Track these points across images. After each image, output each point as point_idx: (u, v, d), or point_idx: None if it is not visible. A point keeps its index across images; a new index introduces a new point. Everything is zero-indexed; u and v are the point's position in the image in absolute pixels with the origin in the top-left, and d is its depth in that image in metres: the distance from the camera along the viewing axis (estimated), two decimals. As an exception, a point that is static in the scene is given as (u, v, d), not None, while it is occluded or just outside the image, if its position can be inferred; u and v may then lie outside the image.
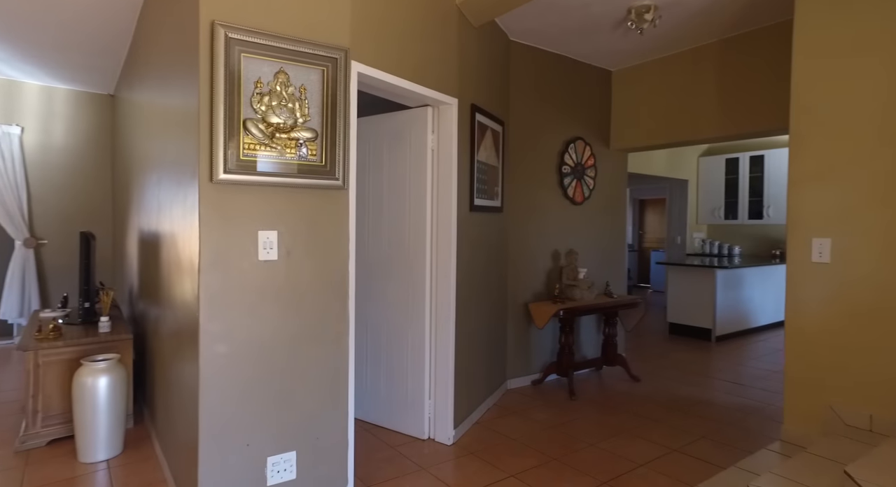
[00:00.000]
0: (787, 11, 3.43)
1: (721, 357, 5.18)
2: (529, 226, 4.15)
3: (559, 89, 4.32)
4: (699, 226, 8.31)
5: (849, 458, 2.11)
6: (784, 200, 7.14)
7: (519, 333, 4.11)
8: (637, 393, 4.01)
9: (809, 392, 2.65)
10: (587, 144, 4.52)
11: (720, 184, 7.89)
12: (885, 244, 2.41)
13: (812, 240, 2.62)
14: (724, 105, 3.95)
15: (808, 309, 2.65)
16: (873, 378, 2.44)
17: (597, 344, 4.71)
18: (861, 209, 2.48)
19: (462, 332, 3.15)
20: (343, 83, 2.19)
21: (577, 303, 4.04)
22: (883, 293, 2.41)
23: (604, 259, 4.78)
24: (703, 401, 3.80)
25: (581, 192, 4.50)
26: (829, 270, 2.56)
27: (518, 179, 4.04)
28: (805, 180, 2.66)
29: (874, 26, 2.44)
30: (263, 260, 2.06)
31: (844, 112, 2.53)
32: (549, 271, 4.32)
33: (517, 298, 4.09)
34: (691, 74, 4.15)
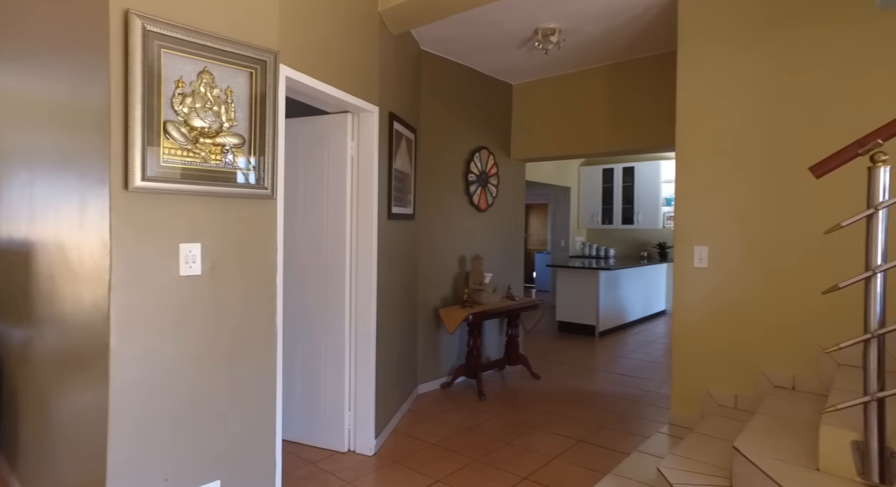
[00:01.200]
0: (668, 45, 3.88)
1: (605, 351, 5.70)
2: (438, 232, 4.23)
3: (465, 100, 4.46)
4: (580, 230, 9.04)
5: (729, 433, 2.47)
6: (650, 208, 8.04)
7: (429, 338, 4.18)
8: (539, 389, 4.27)
9: (691, 378, 3.03)
10: (491, 153, 4.72)
11: (598, 191, 8.66)
12: (741, 253, 2.84)
13: (694, 247, 3.01)
14: (612, 122, 4.37)
15: (690, 307, 3.03)
16: (737, 364, 2.87)
17: (499, 344, 4.94)
18: (727, 222, 2.90)
19: (382, 340, 3.13)
20: (272, 87, 2.08)
21: (485, 307, 4.20)
22: (741, 293, 2.85)
23: (505, 263, 5.02)
24: (597, 393, 4.16)
25: (485, 199, 4.69)
26: (707, 274, 2.96)
27: (428, 187, 4.10)
28: (689, 195, 3.04)
29: (731, 74, 2.86)
30: (185, 276, 1.89)
31: (713, 140, 2.94)
32: (455, 276, 4.44)
33: (427, 303, 4.15)
34: (584, 93, 4.52)
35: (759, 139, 2.81)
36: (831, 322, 2.60)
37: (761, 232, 2.80)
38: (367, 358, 2.97)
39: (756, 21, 2.81)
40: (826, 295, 2.61)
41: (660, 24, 3.47)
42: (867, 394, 1.65)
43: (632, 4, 3.17)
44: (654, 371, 4.85)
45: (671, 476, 2.05)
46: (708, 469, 2.10)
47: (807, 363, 2.67)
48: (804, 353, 2.68)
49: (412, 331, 3.91)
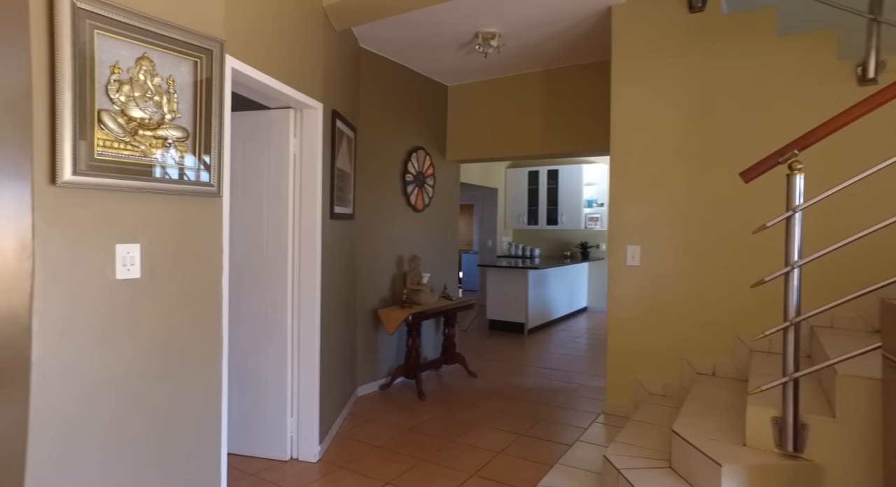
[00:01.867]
0: (602, 54, 4.09)
1: (535, 347, 5.91)
2: (377, 232, 4.19)
3: (403, 100, 4.45)
4: (506, 230, 9.30)
5: (662, 419, 2.65)
6: (573, 209, 8.44)
7: (367, 339, 4.12)
8: (477, 387, 4.35)
9: (624, 370, 3.23)
10: (427, 154, 4.75)
11: (524, 193, 8.95)
12: (674, 253, 3.07)
13: (627, 246, 3.20)
14: (546, 126, 4.54)
15: (624, 303, 3.22)
16: (665, 355, 3.09)
17: (435, 344, 4.97)
18: (658, 223, 3.12)
19: (326, 343, 3.05)
20: (218, 78, 1.97)
21: (424, 308, 4.21)
22: (670, 289, 3.07)
23: (441, 263, 5.06)
24: (533, 388, 4.31)
25: (422, 200, 4.70)
26: (639, 272, 3.17)
27: (366, 186, 4.05)
28: (622, 197, 3.23)
29: (660, 84, 3.09)
30: (123, 280, 1.74)
31: (644, 145, 3.16)
32: (393, 276, 4.42)
33: (366, 304, 4.10)
34: (519, 97, 4.67)
35: (686, 145, 3.05)
36: (746, 315, 2.88)
37: (688, 233, 3.04)
38: (310, 362, 2.88)
39: (680, 36, 3.05)
40: (742, 292, 2.89)
41: (595, 34, 3.66)
42: (785, 375, 1.84)
43: (569, 13, 3.32)
44: (582, 364, 5.09)
45: (617, 461, 2.17)
46: (649, 453, 2.25)
47: (725, 352, 2.93)
48: (723, 343, 2.94)
49: (352, 333, 3.84)
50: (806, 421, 1.86)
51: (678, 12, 3.04)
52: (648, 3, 3.13)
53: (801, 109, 2.75)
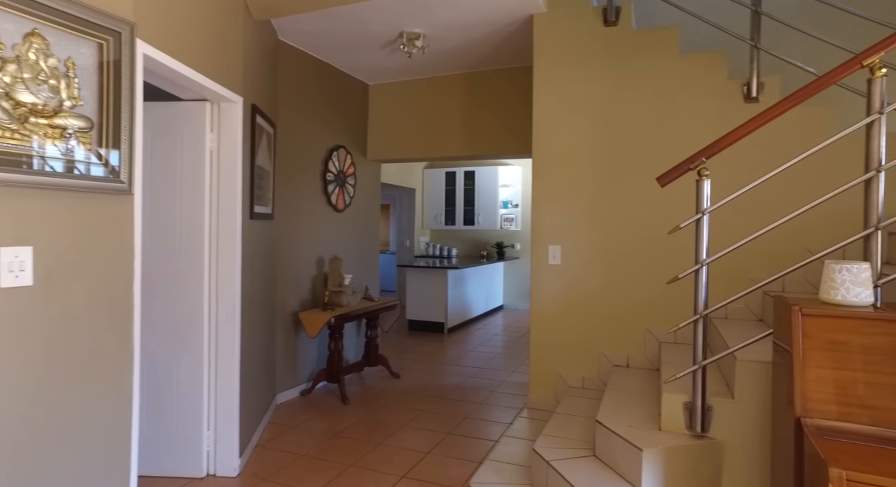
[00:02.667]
0: (524, 59, 4.21)
1: (455, 346, 5.99)
2: (297, 233, 4.04)
3: (323, 96, 4.32)
4: (424, 231, 9.34)
5: (583, 410, 2.80)
6: (489, 210, 8.65)
7: (287, 344, 3.96)
8: (400, 388, 4.33)
9: (546, 364, 3.36)
10: (348, 153, 4.65)
11: (441, 193, 9.04)
12: (591, 252, 3.25)
13: (549, 246, 3.34)
14: (467, 128, 4.61)
15: (546, 301, 3.36)
16: (583, 349, 3.27)
17: (357, 346, 4.88)
18: (577, 224, 3.28)
19: (246, 349, 2.89)
20: (128, 64, 1.80)
21: (347, 309, 4.12)
22: (589, 287, 3.25)
23: (362, 264, 4.98)
24: (455, 387, 4.36)
25: (343, 200, 4.60)
26: (560, 270, 3.31)
27: (286, 185, 3.89)
28: (543, 198, 3.37)
29: (578, 91, 3.26)
30: (9, 288, 1.53)
31: (563, 149, 3.31)
32: (314, 278, 4.28)
33: (285, 307, 3.93)
34: (440, 98, 4.70)
35: (602, 151, 3.23)
36: (655, 309, 3.11)
37: (604, 233, 3.22)
38: (229, 370, 2.71)
39: (596, 48, 3.23)
40: (650, 288, 3.11)
41: (518, 40, 3.77)
42: (695, 364, 2.01)
43: (493, 19, 3.40)
44: (501, 361, 5.24)
45: (546, 453, 2.26)
46: (574, 443, 2.36)
47: (637, 344, 3.15)
48: (636, 336, 3.15)
49: (271, 338, 3.67)
50: (711, 404, 2.05)
51: (594, 25, 3.22)
52: (567, 15, 3.28)
53: (700, 121, 3.02)
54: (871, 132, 1.82)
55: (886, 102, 1.80)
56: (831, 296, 1.61)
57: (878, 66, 1.80)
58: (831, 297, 1.61)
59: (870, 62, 1.80)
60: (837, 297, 1.60)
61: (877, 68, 1.80)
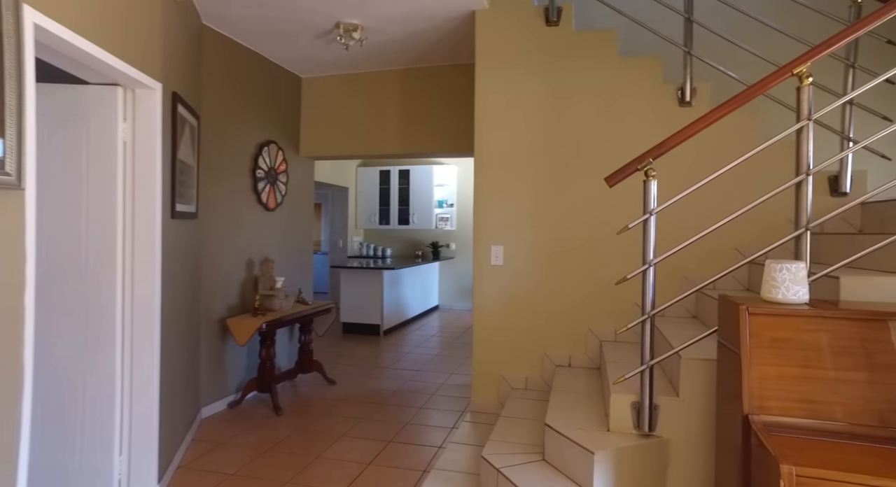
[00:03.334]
0: (466, 56, 4.15)
1: (391, 349, 5.86)
2: (224, 233, 3.75)
3: (252, 88, 4.05)
4: (358, 230, 9.11)
5: (529, 413, 2.78)
6: (424, 210, 8.57)
7: (214, 353, 3.67)
8: (337, 395, 4.15)
9: (489, 367, 3.32)
10: (280, 148, 4.39)
11: (375, 192, 8.86)
12: (533, 253, 3.25)
13: (491, 246, 3.30)
14: (406, 125, 4.50)
15: (488, 302, 3.32)
16: (526, 349, 3.26)
17: (290, 352, 4.64)
18: (520, 224, 3.27)
19: (167, 362, 2.62)
20: (12, 35, 1.54)
21: (279, 314, 3.89)
22: (531, 287, 3.25)
23: (295, 266, 4.74)
24: (394, 391, 4.24)
25: (274, 198, 4.34)
26: (503, 271, 3.28)
27: (213, 182, 3.60)
28: (486, 198, 3.32)
29: (520, 90, 3.25)
30: None
31: (505, 149, 3.29)
32: (243, 282, 4.01)
33: (211, 314, 3.65)
34: (378, 94, 4.55)
35: (543, 151, 3.23)
36: (595, 309, 3.15)
37: (546, 233, 3.23)
38: (146, 388, 2.45)
39: (538, 47, 3.22)
40: (591, 287, 3.15)
41: (460, 36, 3.70)
42: (643, 364, 2.03)
43: (434, 14, 3.31)
44: (439, 363, 5.17)
45: (495, 460, 2.20)
46: (523, 448, 2.32)
47: (579, 344, 3.18)
48: (577, 336, 3.18)
49: (195, 347, 3.38)
50: (657, 403, 2.07)
51: (536, 24, 3.22)
52: (509, 13, 3.26)
53: (638, 122, 3.09)
54: (800, 138, 1.90)
55: (813, 109, 1.89)
56: (773, 295, 1.66)
57: (806, 75, 1.88)
58: (773, 296, 1.66)
59: (799, 71, 1.89)
60: (778, 296, 1.65)
61: (805, 77, 1.89)
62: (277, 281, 4.06)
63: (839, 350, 1.55)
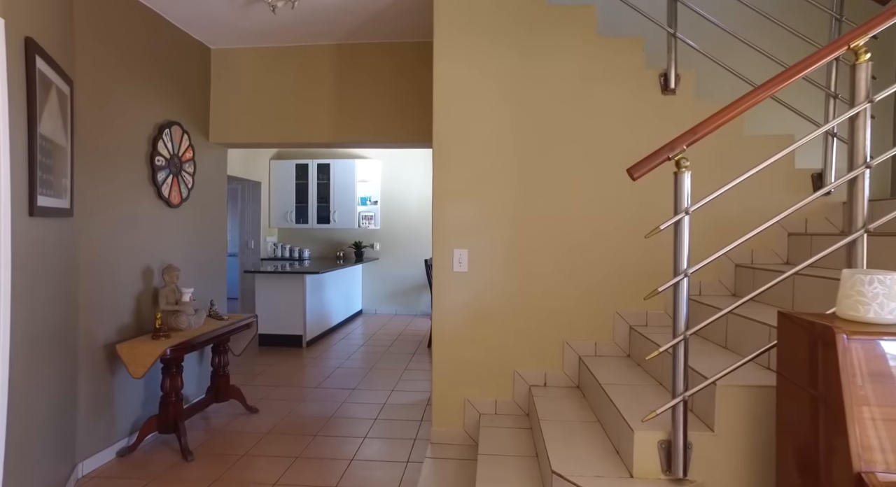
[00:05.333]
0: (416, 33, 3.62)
1: (317, 363, 5.20)
2: (113, 235, 2.95)
3: (150, 56, 3.25)
4: (271, 230, 8.23)
5: (517, 448, 2.34)
6: (346, 207, 7.90)
7: (96, 388, 2.87)
8: (261, 427, 3.47)
9: (452, 388, 2.85)
10: (185, 132, 3.61)
11: (291, 188, 8.03)
12: (502, 257, 2.82)
13: (454, 250, 2.82)
14: (341, 110, 3.89)
15: (450, 314, 2.84)
16: (494, 367, 2.83)
17: (200, 376, 3.86)
18: (487, 224, 2.83)
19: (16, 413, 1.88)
20: None
21: (187, 335, 3.14)
22: (500, 297, 2.82)
23: (207, 273, 3.96)
24: (329, 418, 3.64)
25: (179, 192, 3.55)
26: (467, 278, 2.82)
27: (95, 170, 2.79)
28: (447, 194, 2.84)
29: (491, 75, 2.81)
30: None
31: (471, 138, 2.83)
32: (139, 295, 3.21)
33: (95, 338, 2.84)
34: (307, 72, 3.90)
35: (514, 139, 2.81)
36: (573, 319, 2.79)
37: (517, 234, 2.81)
38: (-4, 458, 1.71)
39: (506, 22, 2.80)
40: (568, 295, 2.79)
41: (410, 7, 3.18)
42: (676, 396, 1.67)
43: (383, -26, 2.77)
44: (376, 379, 4.61)
45: (495, 524, 1.74)
46: (525, 503, 1.88)
47: (554, 359, 2.80)
48: (552, 351, 2.80)
49: (70, 383, 2.59)
50: (690, 441, 1.72)
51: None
52: (473, -22, 2.80)
53: (616, 110, 2.77)
54: (855, 124, 1.63)
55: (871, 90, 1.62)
56: (861, 313, 1.35)
57: (863, 50, 1.61)
58: (861, 314, 1.35)
59: (855, 45, 1.61)
60: (869, 314, 1.34)
61: (862, 52, 1.61)
62: (184, 293, 3.30)
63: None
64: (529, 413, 2.72)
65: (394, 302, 8.15)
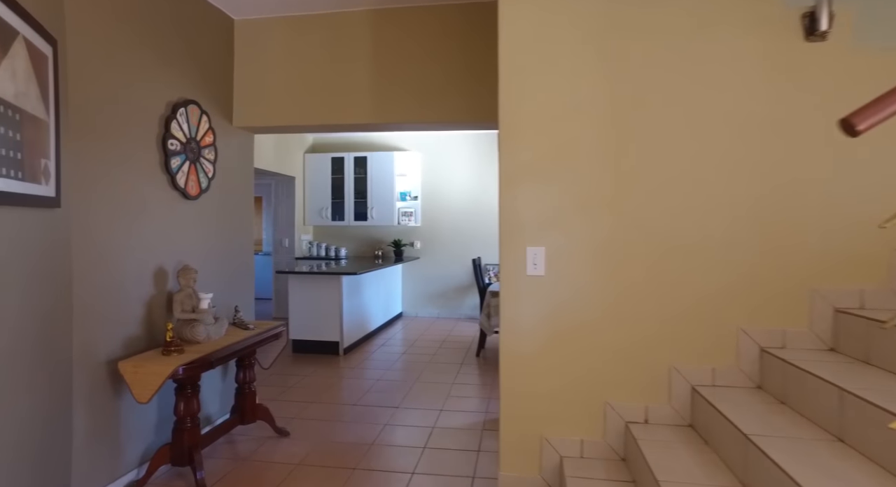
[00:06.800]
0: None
1: (356, 374, 4.69)
2: (115, 230, 2.48)
3: (163, 24, 2.78)
4: (306, 228, 7.81)
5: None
6: (385, 203, 7.40)
7: (96, 413, 2.40)
8: (292, 454, 2.96)
9: (525, 423, 2.26)
10: (204, 113, 3.13)
11: (327, 183, 7.59)
12: (592, 256, 2.21)
13: (527, 248, 2.23)
14: (380, 87, 3.35)
15: (523, 330, 2.25)
16: (578, 399, 2.23)
17: (223, 392, 3.39)
18: (572, 215, 2.22)
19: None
20: None
21: (205, 349, 2.66)
22: (585, 309, 2.21)
23: (229, 275, 3.48)
24: (370, 445, 3.10)
25: (197, 182, 3.08)
26: (545, 284, 2.23)
27: (91, 151, 2.32)
28: (517, 179, 2.25)
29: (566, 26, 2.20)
30: None
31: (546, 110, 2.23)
32: (150, 301, 2.74)
33: (94, 354, 2.38)
34: (341, 43, 3.38)
35: (602, 110, 2.20)
36: (681, 338, 2.16)
37: (608, 229, 2.20)
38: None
39: (592, -44, 2.19)
40: (674, 307, 2.15)
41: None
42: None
43: None
44: (422, 395, 4.06)
45: None
46: None
47: (658, 389, 2.18)
48: (654, 378, 2.18)
49: (59, 412, 2.12)
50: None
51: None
52: None
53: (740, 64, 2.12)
54: None
55: None
56: None
57: None
58: None
59: None
60: None
61: None
62: (202, 298, 2.82)
63: None
64: (628, 458, 2.11)
65: (435, 304, 7.61)
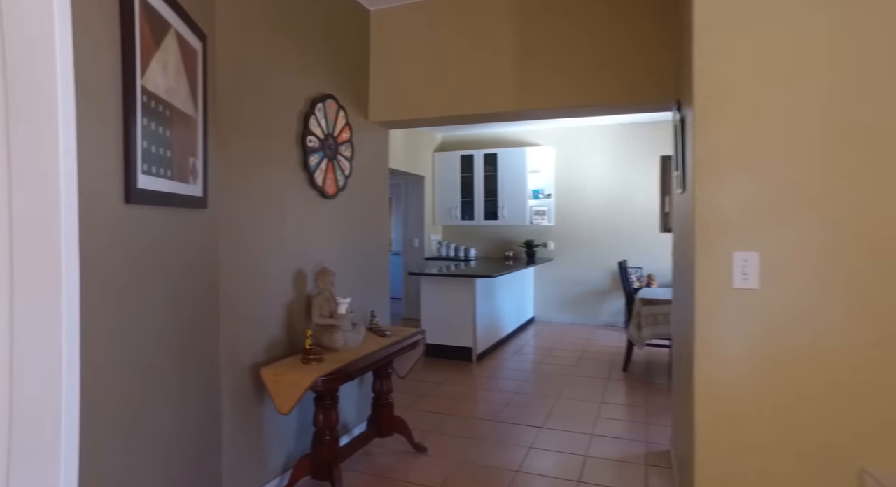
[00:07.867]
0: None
1: (491, 384, 4.38)
2: (259, 231, 2.41)
3: (300, 16, 2.69)
4: (435, 228, 7.72)
5: None
6: (516, 201, 7.03)
7: (242, 415, 2.33)
8: (431, 475, 2.72)
9: (728, 466, 1.75)
10: (341, 108, 3.01)
11: (456, 181, 7.42)
12: (818, 266, 1.64)
13: (733, 253, 1.72)
14: (525, 70, 2.99)
15: (727, 358, 1.74)
16: (816, 461, 1.65)
17: (359, 401, 3.27)
18: (791, 212, 1.67)
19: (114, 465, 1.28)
20: None
21: (343, 358, 2.50)
22: (820, 338, 1.64)
23: (366, 278, 3.35)
24: (517, 472, 2.75)
25: (334, 180, 2.96)
26: (758, 298, 1.70)
27: (235, 149, 2.25)
28: (718, 167, 1.74)
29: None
30: None
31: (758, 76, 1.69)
32: (290, 304, 2.65)
33: (239, 357, 2.31)
34: (482, 26, 3.08)
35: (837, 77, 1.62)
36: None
37: (850, 230, 1.61)
38: None
39: None
40: (969, 333, 1.50)
41: None
42: None
43: None
44: (564, 413, 3.62)
45: None
46: None
47: (941, 452, 1.54)
48: (937, 435, 1.55)
49: (207, 413, 2.05)
50: None
51: None
52: None
53: None
54: None
55: None
56: None
57: None
58: None
59: None
60: None
61: None
62: (340, 303, 2.68)
63: None
64: (894, 548, 1.50)
65: (570, 309, 7.07)
